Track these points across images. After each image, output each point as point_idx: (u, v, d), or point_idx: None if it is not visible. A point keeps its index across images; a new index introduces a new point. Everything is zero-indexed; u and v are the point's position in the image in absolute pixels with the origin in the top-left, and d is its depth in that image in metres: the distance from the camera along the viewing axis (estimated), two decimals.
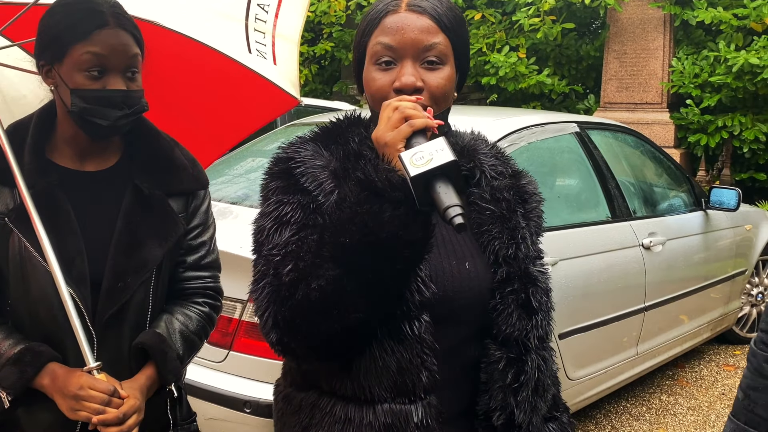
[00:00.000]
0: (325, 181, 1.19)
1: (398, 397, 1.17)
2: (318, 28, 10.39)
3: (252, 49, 1.96)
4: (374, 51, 1.21)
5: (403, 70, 1.19)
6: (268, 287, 1.15)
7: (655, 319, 3.84)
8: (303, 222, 1.16)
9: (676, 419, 3.91)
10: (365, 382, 1.17)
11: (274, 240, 1.17)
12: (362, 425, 1.17)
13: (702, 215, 4.34)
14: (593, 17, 9.05)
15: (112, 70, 1.46)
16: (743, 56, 7.04)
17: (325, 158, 1.23)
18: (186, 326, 1.60)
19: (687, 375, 4.52)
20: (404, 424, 1.16)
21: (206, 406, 2.45)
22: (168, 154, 1.62)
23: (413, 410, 1.16)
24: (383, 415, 1.17)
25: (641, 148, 4.46)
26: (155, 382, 1.54)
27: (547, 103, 9.09)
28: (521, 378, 1.23)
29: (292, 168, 1.22)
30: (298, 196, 1.19)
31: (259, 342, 2.48)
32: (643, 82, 8.17)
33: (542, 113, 4.30)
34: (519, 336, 1.23)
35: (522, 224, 1.30)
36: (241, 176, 3.62)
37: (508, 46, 8.68)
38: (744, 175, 7.81)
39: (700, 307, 4.33)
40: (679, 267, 4.04)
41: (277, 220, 1.18)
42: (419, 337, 1.15)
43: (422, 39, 1.19)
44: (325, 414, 1.21)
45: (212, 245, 1.69)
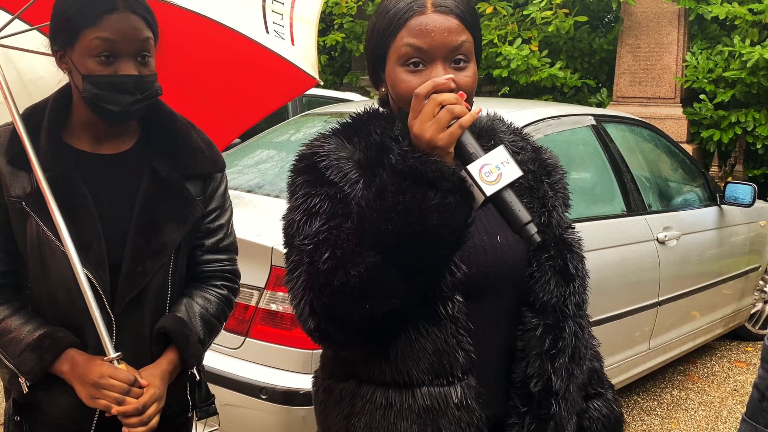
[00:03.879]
0: (349, 172, 1.21)
1: (436, 379, 1.18)
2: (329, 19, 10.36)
3: (269, 30, 1.95)
4: (403, 53, 1.21)
5: (434, 72, 1.19)
6: (304, 275, 1.15)
7: (668, 314, 3.81)
8: (332, 212, 1.18)
9: (687, 414, 3.90)
10: (403, 366, 1.19)
11: (305, 231, 1.18)
12: (402, 409, 1.19)
13: (716, 210, 4.31)
14: (606, 11, 8.98)
15: (123, 55, 1.45)
16: (758, 51, 6.96)
17: (348, 150, 1.25)
18: (206, 309, 1.61)
19: (699, 371, 4.50)
20: (443, 406, 1.18)
21: (222, 392, 2.46)
22: (185, 137, 1.62)
23: (452, 392, 1.18)
24: (422, 398, 1.18)
25: (657, 143, 4.42)
26: (177, 366, 1.55)
27: (558, 97, 9.03)
28: (559, 344, 1.25)
29: (317, 162, 1.23)
30: (324, 188, 1.20)
31: (275, 329, 2.49)
32: (656, 76, 8.10)
33: (558, 105, 4.27)
34: (557, 303, 1.25)
35: (550, 194, 1.33)
36: (251, 167, 3.62)
37: (520, 38, 8.62)
38: (757, 171, 7.74)
39: (713, 302, 4.31)
40: (693, 262, 4.01)
41: (306, 212, 1.20)
42: (453, 317, 1.18)
43: (451, 40, 1.20)
44: (366, 401, 1.22)
45: (230, 228, 1.70)
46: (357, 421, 1.24)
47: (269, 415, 2.45)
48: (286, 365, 2.45)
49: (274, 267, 2.48)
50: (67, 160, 1.49)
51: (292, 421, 2.43)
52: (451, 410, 1.18)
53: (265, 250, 2.49)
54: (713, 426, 3.78)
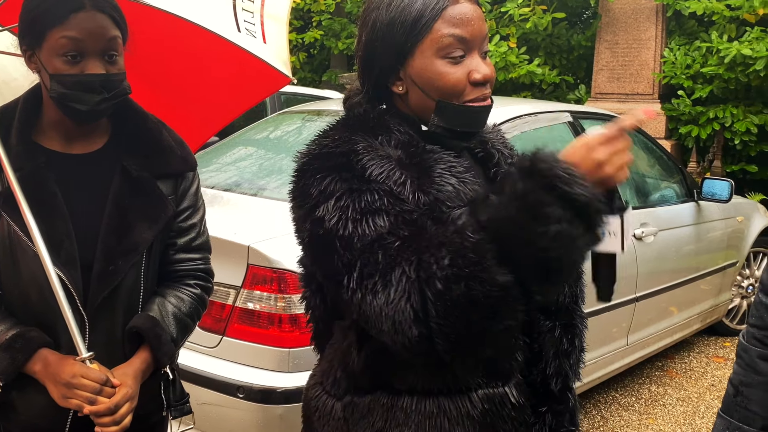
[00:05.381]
0: (392, 172, 1.15)
1: (491, 381, 1.20)
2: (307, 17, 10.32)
3: (241, 28, 1.95)
4: (444, 44, 1.18)
5: (474, 61, 1.20)
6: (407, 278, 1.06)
7: (646, 310, 3.82)
8: (397, 209, 1.11)
9: (665, 410, 3.90)
10: (459, 371, 1.18)
11: (372, 230, 1.10)
12: (460, 416, 1.17)
13: (694, 206, 4.32)
14: (584, 7, 9.01)
15: (90, 54, 1.45)
16: (736, 47, 7.00)
17: (382, 149, 1.19)
18: (179, 308, 1.61)
19: (677, 366, 4.51)
20: (500, 408, 1.19)
21: (199, 391, 2.45)
22: (156, 136, 1.62)
23: (508, 392, 1.20)
24: (480, 403, 1.19)
25: (634, 139, 4.39)
26: (150, 365, 1.55)
27: (537, 93, 9.05)
28: (576, 342, 1.30)
29: (355, 161, 1.16)
30: (372, 185, 1.13)
31: (252, 328, 2.49)
32: (634, 72, 8.13)
33: (535, 102, 4.25)
34: (569, 303, 1.29)
35: None
36: (229, 165, 3.60)
37: (498, 35, 8.62)
38: (735, 167, 7.79)
39: (691, 298, 4.32)
40: (671, 258, 4.02)
41: (363, 211, 1.11)
42: None
43: (485, 28, 1.22)
44: (411, 412, 1.18)
45: (202, 227, 1.70)
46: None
47: (246, 413, 2.45)
48: (262, 364, 2.46)
49: (251, 266, 2.48)
50: (37, 159, 1.49)
51: (269, 419, 2.43)
52: (507, 411, 1.20)
53: (242, 248, 2.49)
54: (691, 421, 3.79)
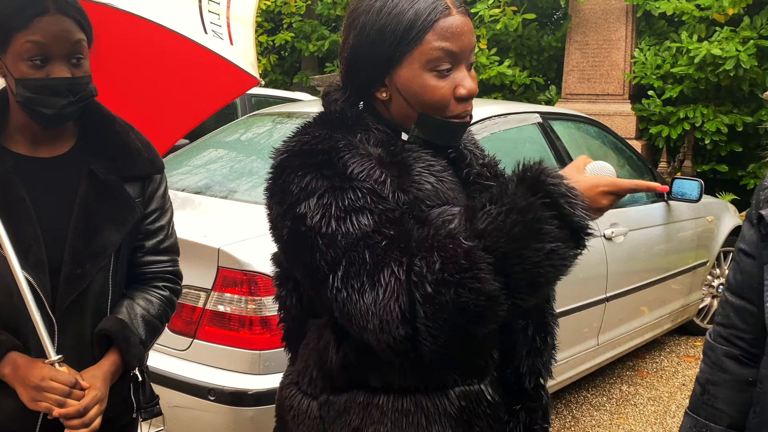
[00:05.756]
0: (373, 170, 1.15)
1: (467, 379, 1.21)
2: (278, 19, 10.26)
3: (208, 30, 1.95)
4: (434, 57, 1.17)
5: (461, 74, 1.20)
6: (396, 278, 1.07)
7: (616, 310, 3.83)
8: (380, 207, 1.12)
9: (636, 409, 3.92)
10: (437, 369, 1.18)
11: (356, 228, 1.10)
12: (437, 413, 1.18)
13: (664, 206, 4.34)
14: (554, 8, 9.06)
15: (55, 58, 1.45)
16: (705, 47, 7.09)
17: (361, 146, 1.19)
18: (147, 311, 1.63)
19: (648, 366, 4.54)
20: (476, 405, 1.20)
21: (170, 393, 2.46)
22: (123, 138, 1.63)
23: (484, 389, 1.22)
24: (457, 400, 1.20)
25: (603, 139, 4.45)
26: (119, 367, 1.57)
27: (508, 95, 9.09)
28: (548, 340, 1.30)
29: (336, 159, 1.16)
30: (354, 183, 1.13)
31: (222, 330, 2.49)
32: (604, 73, 8.20)
33: (505, 104, 4.26)
34: (542, 302, 1.29)
35: None
36: (200, 167, 3.60)
37: None
38: (705, 166, 7.88)
39: (661, 298, 4.34)
40: (641, 258, 4.04)
41: (346, 209, 1.11)
42: None
43: (473, 41, 1.20)
44: (387, 410, 1.19)
45: (170, 229, 1.72)
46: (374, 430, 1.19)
47: (217, 415, 2.46)
48: (233, 366, 2.47)
49: (221, 268, 2.48)
50: (5, 163, 1.50)
51: (240, 421, 2.43)
52: (483, 408, 1.21)
53: (212, 251, 2.50)
54: (662, 420, 3.81)
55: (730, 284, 1.38)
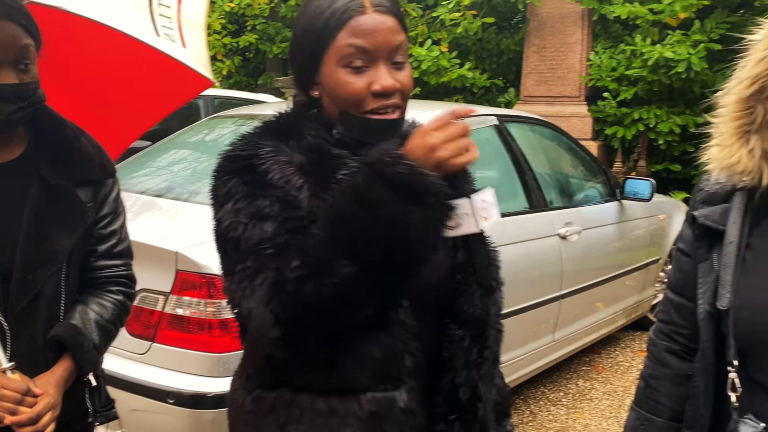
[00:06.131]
0: (292, 176, 1.18)
1: (381, 384, 1.19)
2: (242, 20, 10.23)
3: (160, 33, 1.96)
4: (345, 53, 1.20)
5: (380, 72, 1.20)
6: (267, 283, 1.11)
7: (572, 307, 3.93)
8: (284, 215, 1.14)
9: (592, 404, 4.02)
10: (350, 371, 1.19)
11: (256, 235, 1.14)
12: (348, 415, 1.19)
13: (617, 205, 4.46)
14: (513, 12, 9.19)
15: (2, 64, 1.45)
16: (658, 50, 7.27)
17: (287, 153, 1.21)
18: (101, 315, 1.62)
19: (603, 361, 4.65)
20: (388, 411, 1.19)
21: (129, 397, 2.47)
22: (74, 143, 1.62)
23: (397, 396, 1.20)
24: (368, 404, 1.19)
25: (558, 141, 4.55)
26: (72, 373, 1.56)
27: (469, 97, 9.19)
28: (485, 353, 1.28)
29: (257, 165, 1.19)
30: (270, 190, 1.16)
31: (181, 333, 2.50)
32: (562, 75, 8.35)
33: None
34: (481, 314, 1.28)
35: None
36: (164, 168, 3.59)
37: (430, 39, 8.73)
38: (659, 166, 8.08)
39: (616, 294, 4.46)
40: (595, 256, 4.14)
41: (253, 215, 1.15)
42: (403, 322, 1.19)
43: (392, 40, 1.20)
44: (305, 409, 1.21)
45: (123, 233, 1.71)
46: (294, 429, 1.22)
47: (177, 419, 2.46)
48: (193, 369, 2.48)
49: (179, 271, 2.49)
50: None
51: (200, 424, 2.44)
52: (395, 414, 1.19)
53: (170, 254, 2.50)
54: (616, 414, 3.91)
55: (671, 282, 1.43)
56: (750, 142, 1.17)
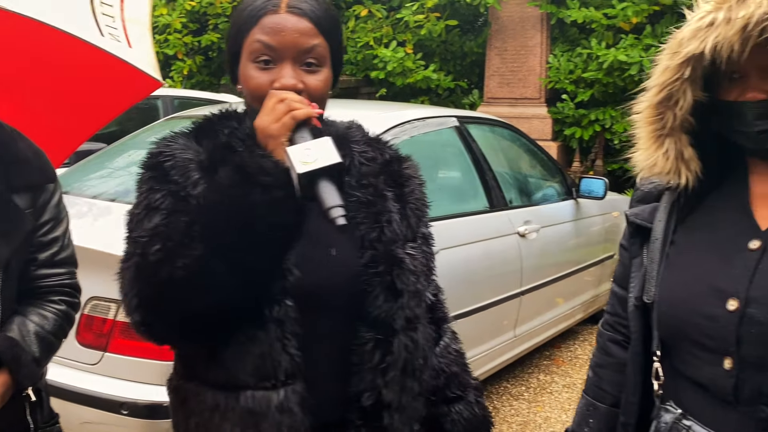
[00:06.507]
0: (192, 173, 1.23)
1: (261, 382, 1.20)
2: (204, 19, 10.15)
3: (104, 33, 1.90)
4: (253, 48, 1.24)
5: (284, 71, 1.22)
6: (133, 267, 1.17)
7: (532, 303, 4.05)
8: (172, 208, 1.19)
9: (552, 397, 4.14)
10: (231, 368, 1.21)
11: (144, 225, 1.19)
12: (227, 411, 1.21)
13: (573, 204, 4.60)
14: (476, 14, 9.33)
15: None
16: (613, 54, 7.50)
17: (194, 151, 1.26)
18: (42, 327, 1.55)
19: (563, 354, 4.79)
20: (265, 409, 1.19)
21: (81, 410, 2.42)
22: (10, 147, 1.54)
23: (274, 396, 1.20)
24: (245, 401, 1.20)
25: (517, 142, 4.67)
26: (10, 387, 1.48)
27: (434, 98, 9.29)
28: (387, 359, 1.26)
29: (162, 161, 1.25)
30: (168, 186, 1.22)
31: (135, 342, 2.45)
32: (522, 77, 8.52)
33: (424, 108, 4.43)
34: (386, 317, 1.26)
35: (392, 207, 1.34)
36: (122, 169, 3.54)
37: (395, 41, 8.82)
38: (615, 165, 8.27)
39: (574, 289, 4.60)
40: (553, 253, 4.27)
41: (146, 207, 1.21)
42: (279, 320, 1.19)
43: (302, 41, 1.23)
44: (200, 402, 1.25)
45: (66, 240, 1.64)
46: (192, 421, 1.26)
47: (131, 430, 2.43)
48: (147, 378, 2.43)
49: None
50: None
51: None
52: (272, 413, 1.19)
53: None
54: (575, 406, 4.01)
55: (615, 276, 1.50)
56: (664, 145, 1.25)
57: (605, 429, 1.45)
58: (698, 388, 1.24)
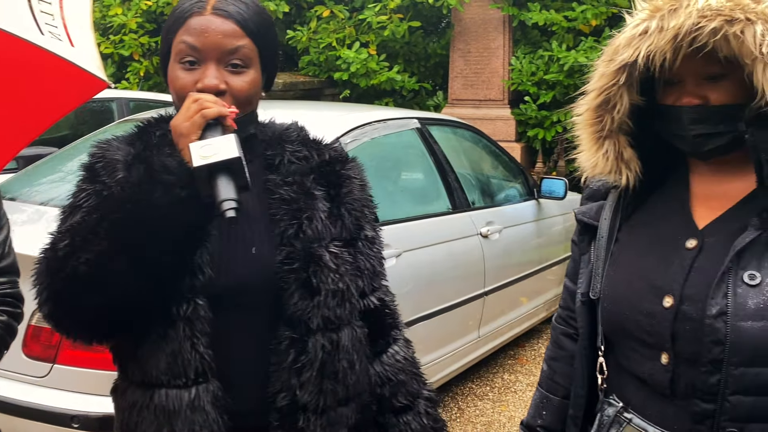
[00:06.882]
0: (117, 173, 1.25)
1: (173, 380, 1.22)
2: (160, 19, 9.99)
3: (44, 31, 1.84)
4: (179, 49, 1.26)
5: (207, 72, 1.24)
6: (44, 261, 1.18)
7: (495, 303, 4.08)
8: (93, 207, 1.21)
9: (516, 396, 4.17)
10: (146, 365, 1.23)
11: (66, 224, 1.22)
12: (143, 409, 1.24)
13: (535, 204, 4.65)
14: (439, 16, 9.37)
15: None
16: (573, 56, 7.60)
17: (124, 153, 1.29)
18: None
19: (527, 353, 4.83)
20: (177, 407, 1.21)
21: (29, 425, 2.37)
22: None
23: (185, 394, 1.21)
24: (159, 398, 1.23)
25: (479, 143, 4.70)
26: None
27: (399, 100, 9.31)
28: (301, 358, 1.25)
29: (94, 163, 1.29)
30: (94, 186, 1.26)
31: (86, 353, 2.40)
32: (486, 79, 8.58)
33: (385, 109, 4.43)
34: (301, 315, 1.26)
35: (319, 206, 1.33)
36: (73, 174, 3.45)
37: (358, 42, 8.82)
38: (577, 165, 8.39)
39: (536, 289, 4.65)
40: (515, 253, 4.31)
41: (71, 206, 1.25)
42: (188, 319, 1.21)
43: (226, 43, 1.24)
44: (124, 399, 1.28)
45: (6, 249, 1.59)
46: (117, 418, 1.31)
47: None
48: (98, 390, 2.36)
49: None
50: None
51: None
52: (184, 412, 1.21)
53: None
54: None
55: (567, 271, 1.54)
56: (604, 146, 1.29)
57: (559, 421, 1.48)
58: (639, 383, 1.28)
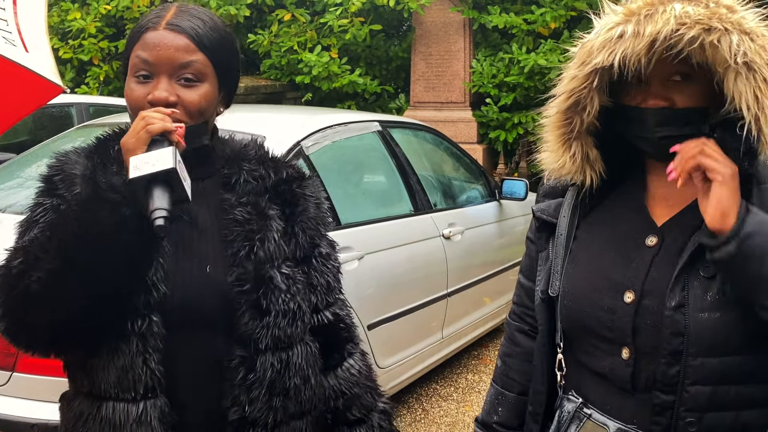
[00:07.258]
0: (75, 188, 1.26)
1: (122, 394, 1.23)
2: (121, 24, 9.86)
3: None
4: (133, 63, 1.28)
5: (158, 85, 1.26)
6: (1, 277, 1.19)
7: (458, 304, 4.10)
8: (50, 222, 1.22)
9: (480, 396, 4.19)
10: (96, 377, 1.24)
11: (23, 239, 1.23)
12: (89, 420, 1.25)
13: (496, 205, 4.69)
14: (400, 20, 9.41)
15: None
16: (533, 58, 7.69)
17: (81, 167, 1.29)
18: None
19: (491, 353, 4.86)
20: (123, 421, 1.22)
21: None
22: None
23: (133, 408, 1.23)
24: (106, 411, 1.24)
25: (440, 145, 4.73)
26: None
27: (361, 103, 9.31)
28: (250, 376, 1.28)
29: (52, 175, 1.29)
30: (52, 200, 1.26)
31: (45, 360, 2.29)
32: (447, 82, 8.64)
33: (346, 113, 4.43)
34: (252, 335, 1.28)
35: (272, 226, 1.35)
36: (32, 180, 3.40)
37: (320, 45, 8.80)
38: (538, 167, 8.49)
39: (499, 289, 4.67)
40: (478, 253, 4.34)
41: (28, 220, 1.26)
42: (141, 335, 1.22)
43: (178, 57, 1.26)
44: (70, 409, 1.30)
45: None
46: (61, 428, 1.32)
47: None
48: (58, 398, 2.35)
49: None
50: None
51: None
52: (130, 426, 1.22)
53: None
54: None
55: (522, 268, 1.55)
56: (571, 148, 1.31)
57: (514, 417, 1.49)
58: (599, 378, 1.30)
